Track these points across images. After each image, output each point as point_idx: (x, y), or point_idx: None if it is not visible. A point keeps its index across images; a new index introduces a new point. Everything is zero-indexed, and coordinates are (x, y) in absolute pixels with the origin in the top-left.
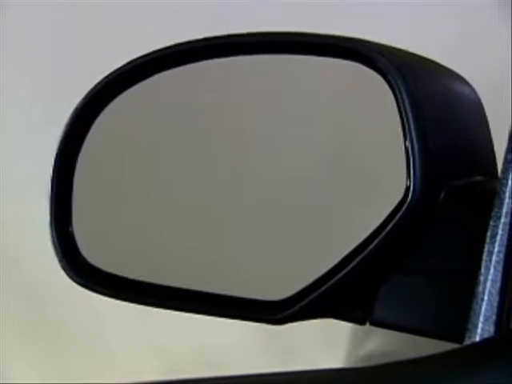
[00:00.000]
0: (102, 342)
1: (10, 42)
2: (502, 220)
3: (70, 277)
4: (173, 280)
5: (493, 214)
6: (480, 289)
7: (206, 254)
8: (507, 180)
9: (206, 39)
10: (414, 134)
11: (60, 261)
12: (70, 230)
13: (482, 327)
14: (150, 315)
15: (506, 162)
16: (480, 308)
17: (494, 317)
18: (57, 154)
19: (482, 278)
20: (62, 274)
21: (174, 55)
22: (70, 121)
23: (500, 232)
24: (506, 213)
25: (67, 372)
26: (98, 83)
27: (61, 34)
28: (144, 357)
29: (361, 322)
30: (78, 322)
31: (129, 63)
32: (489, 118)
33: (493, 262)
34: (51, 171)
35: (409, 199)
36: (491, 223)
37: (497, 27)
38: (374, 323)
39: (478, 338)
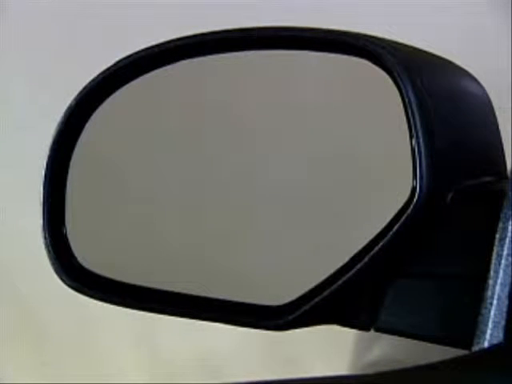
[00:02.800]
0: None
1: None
2: None
3: (63, 280)
4: (170, 285)
5: (502, 215)
6: (489, 293)
7: (204, 257)
8: None
9: (212, 33)
10: (420, 132)
11: (53, 264)
12: (64, 231)
13: (491, 333)
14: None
15: None
16: (489, 313)
17: (503, 322)
18: (49, 153)
19: (490, 282)
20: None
21: (173, 50)
22: (64, 119)
23: (509, 234)
24: None
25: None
26: (93, 80)
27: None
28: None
29: (365, 328)
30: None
31: (124, 59)
32: None
33: (502, 266)
34: (43, 171)
35: (415, 200)
36: (500, 225)
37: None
38: (379, 329)
39: (486, 344)
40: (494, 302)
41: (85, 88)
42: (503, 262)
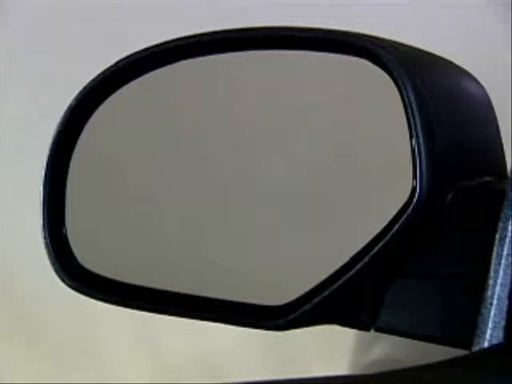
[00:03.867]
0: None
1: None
2: None
3: (63, 281)
4: (170, 285)
5: (502, 215)
6: (489, 293)
7: (204, 257)
8: None
9: (212, 33)
10: (420, 132)
11: (53, 264)
12: (64, 232)
13: (491, 333)
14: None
15: None
16: (489, 313)
17: (503, 322)
18: (49, 154)
19: (490, 282)
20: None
21: (173, 50)
22: (64, 119)
23: (509, 234)
24: None
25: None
26: (94, 80)
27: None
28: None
29: (365, 328)
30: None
31: (124, 59)
32: None
33: (502, 266)
34: (43, 171)
35: (415, 200)
36: (500, 225)
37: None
38: (380, 329)
39: (486, 344)
40: (494, 302)
41: (85, 88)
42: (503, 261)
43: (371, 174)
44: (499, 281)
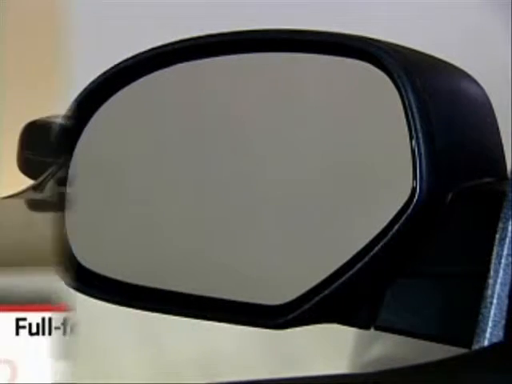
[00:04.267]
0: None
1: None
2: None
3: (64, 280)
4: (172, 284)
5: (502, 215)
6: (489, 292)
7: (205, 257)
8: None
9: (210, 36)
10: (420, 133)
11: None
12: (64, 232)
13: (491, 332)
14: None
15: None
16: (489, 312)
17: (503, 321)
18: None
19: (491, 282)
20: None
21: (177, 52)
22: (64, 120)
23: (509, 234)
24: None
25: None
26: (94, 81)
27: None
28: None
29: (365, 327)
30: None
31: (124, 61)
32: None
33: (502, 265)
34: None
35: (415, 200)
36: (500, 225)
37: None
38: (379, 328)
39: (486, 343)
40: (494, 301)
41: (85, 89)
42: (503, 261)
43: (372, 174)
44: (499, 280)
